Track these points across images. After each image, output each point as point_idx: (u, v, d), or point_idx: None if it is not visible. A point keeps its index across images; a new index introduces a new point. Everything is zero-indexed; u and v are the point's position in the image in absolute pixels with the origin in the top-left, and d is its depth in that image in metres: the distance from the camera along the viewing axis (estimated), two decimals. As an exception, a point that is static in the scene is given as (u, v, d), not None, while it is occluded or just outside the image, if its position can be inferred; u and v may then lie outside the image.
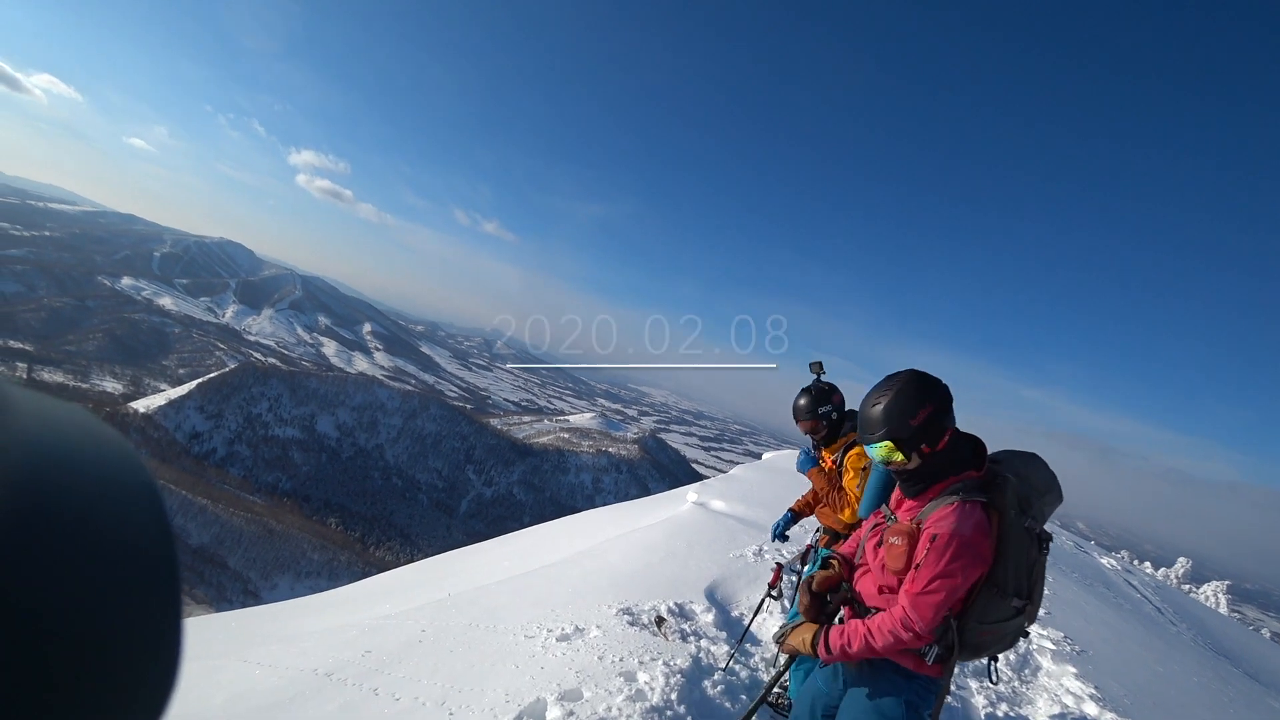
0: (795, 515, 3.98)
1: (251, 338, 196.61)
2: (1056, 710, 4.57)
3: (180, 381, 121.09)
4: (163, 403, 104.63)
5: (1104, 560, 14.91)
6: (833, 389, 3.71)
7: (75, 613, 0.40)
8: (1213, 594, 22.13)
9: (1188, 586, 22.08)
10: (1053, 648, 5.84)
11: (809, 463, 3.82)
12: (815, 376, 3.78)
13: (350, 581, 10.82)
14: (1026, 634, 2.24)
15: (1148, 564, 23.40)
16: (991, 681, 2.33)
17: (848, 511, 3.47)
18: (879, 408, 2.10)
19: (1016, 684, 5.01)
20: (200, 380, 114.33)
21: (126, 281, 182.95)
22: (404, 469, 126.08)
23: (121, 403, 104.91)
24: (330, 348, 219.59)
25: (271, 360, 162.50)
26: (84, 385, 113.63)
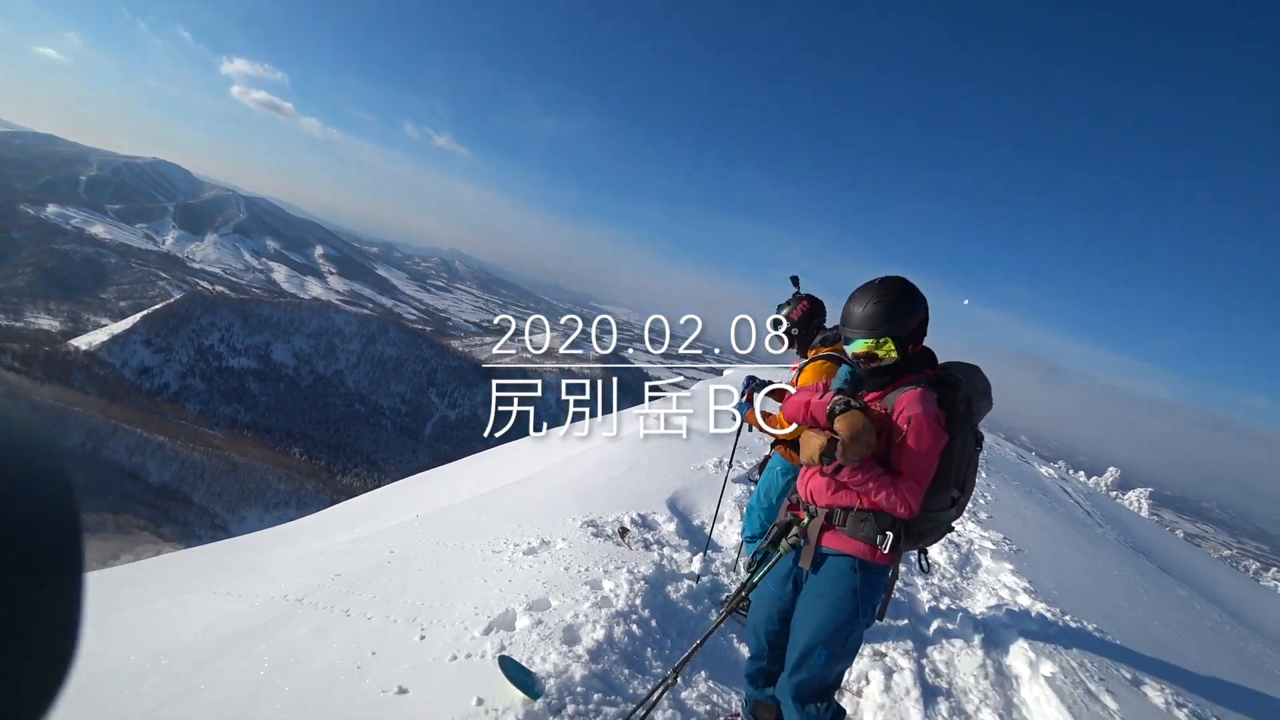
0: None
1: (196, 265, 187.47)
2: (994, 602, 4.94)
3: (122, 315, 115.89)
4: (105, 338, 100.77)
5: (1042, 469, 15.81)
6: (793, 302, 3.78)
7: None
8: (1136, 499, 23.83)
9: (1115, 493, 23.68)
10: (992, 547, 6.26)
11: (744, 409, 3.91)
12: (794, 290, 3.84)
13: (318, 510, 10.89)
14: (953, 528, 2.41)
15: (1081, 473, 24.90)
16: (922, 569, 2.51)
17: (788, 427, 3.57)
18: (882, 306, 2.21)
19: (959, 580, 5.40)
20: (145, 313, 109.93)
21: (52, 209, 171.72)
22: (365, 394, 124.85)
23: (61, 340, 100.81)
24: (281, 273, 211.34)
25: (219, 288, 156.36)
26: (18, 324, 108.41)
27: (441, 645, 3.11)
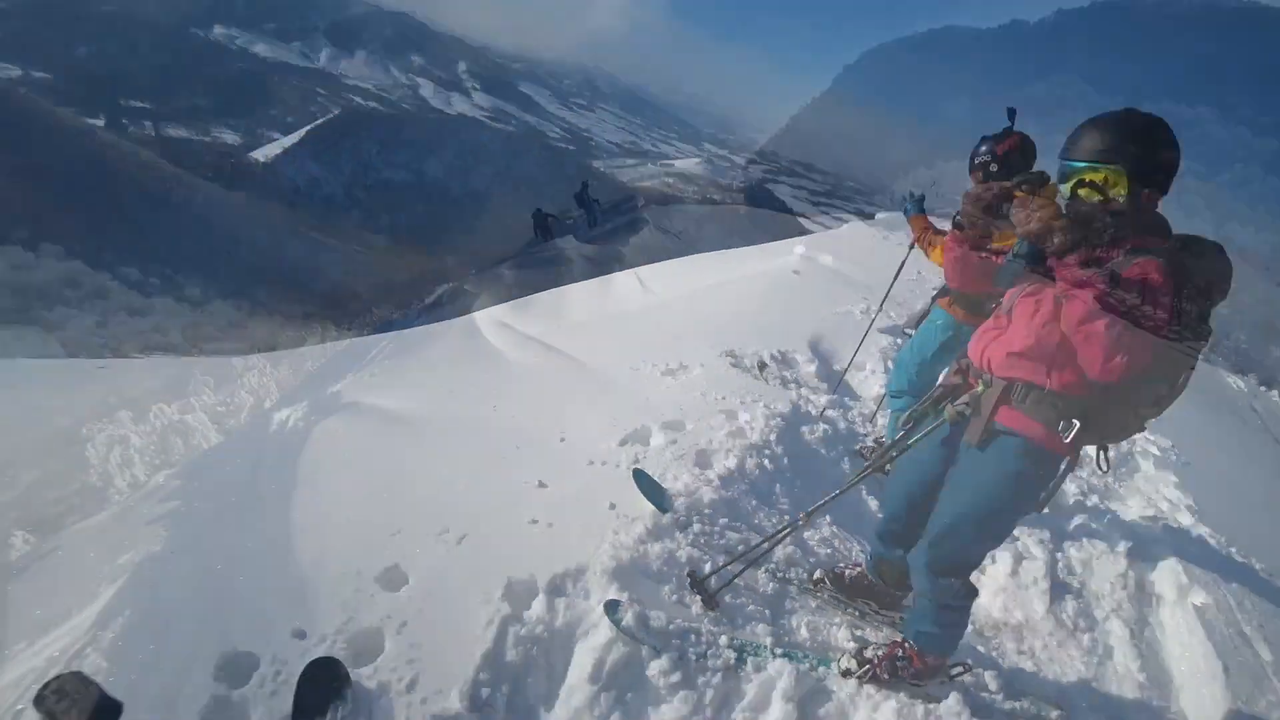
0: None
1: (350, 81, 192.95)
2: (1150, 512, 4.44)
3: (290, 130, 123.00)
4: (279, 151, 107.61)
5: (1229, 379, 13.62)
6: (1002, 136, 3.15)
7: None
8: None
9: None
10: (1157, 454, 5.49)
11: (913, 209, 3.65)
12: (1008, 124, 3.33)
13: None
14: (1144, 428, 2.01)
15: (1275, 392, 21.36)
16: (1101, 468, 2.17)
17: (936, 251, 3.36)
18: (1122, 129, 1.78)
19: (1110, 479, 4.87)
20: (309, 127, 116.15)
21: (218, 30, 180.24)
22: (512, 212, 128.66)
23: (243, 154, 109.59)
24: (427, 89, 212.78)
25: (372, 104, 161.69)
26: (206, 139, 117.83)
27: (580, 449, 3.25)
